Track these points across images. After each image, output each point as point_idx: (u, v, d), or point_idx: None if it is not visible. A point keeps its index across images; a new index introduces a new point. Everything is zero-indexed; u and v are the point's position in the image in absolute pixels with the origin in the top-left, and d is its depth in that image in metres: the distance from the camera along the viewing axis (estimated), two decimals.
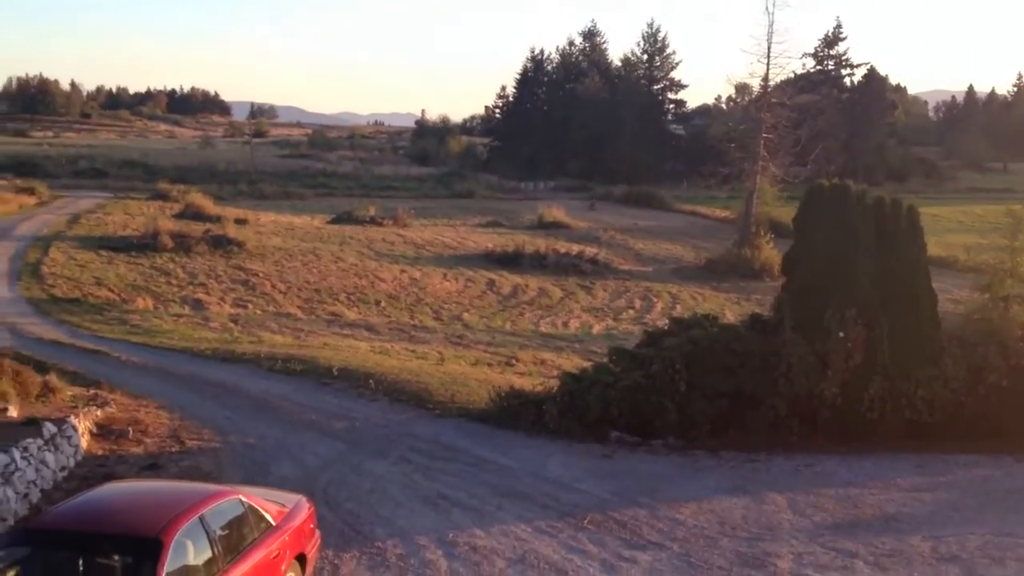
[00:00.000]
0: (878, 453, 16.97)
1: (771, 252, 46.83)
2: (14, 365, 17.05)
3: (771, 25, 54.64)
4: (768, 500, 14.46)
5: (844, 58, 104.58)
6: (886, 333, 17.77)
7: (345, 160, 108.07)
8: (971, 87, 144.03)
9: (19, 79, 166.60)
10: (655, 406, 17.41)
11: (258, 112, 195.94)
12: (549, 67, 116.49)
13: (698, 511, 13.88)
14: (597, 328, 34.34)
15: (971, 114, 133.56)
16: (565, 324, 34.81)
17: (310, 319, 33.08)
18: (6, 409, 15.06)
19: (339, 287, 38.64)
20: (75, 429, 15.42)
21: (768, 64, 55.68)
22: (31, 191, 62.05)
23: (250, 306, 34.40)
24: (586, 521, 13.29)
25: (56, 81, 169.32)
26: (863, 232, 18.25)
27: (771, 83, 57.06)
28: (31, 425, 14.29)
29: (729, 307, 37.98)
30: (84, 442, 15.72)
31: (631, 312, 37.76)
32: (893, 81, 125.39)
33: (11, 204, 56.68)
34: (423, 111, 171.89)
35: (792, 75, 67.05)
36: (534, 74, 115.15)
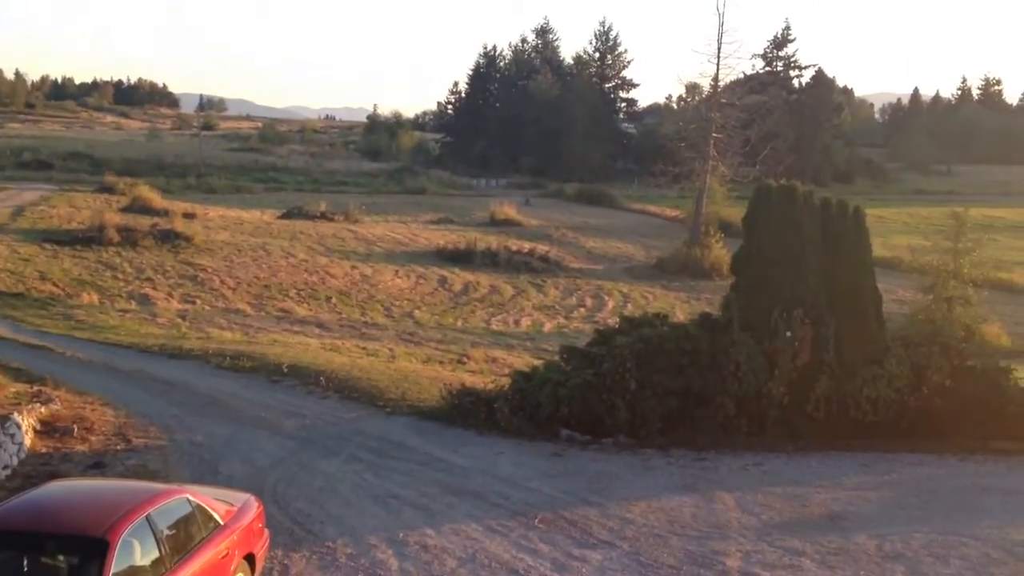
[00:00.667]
0: (824, 452, 17.22)
1: (721, 251, 47.35)
2: None
3: (721, 25, 55.25)
4: (717, 499, 14.60)
5: (793, 60, 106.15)
6: (832, 333, 18.05)
7: (295, 155, 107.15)
8: (916, 90, 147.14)
9: None
10: (606, 404, 17.50)
11: (207, 105, 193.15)
12: (502, 64, 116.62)
13: (648, 510, 13.97)
14: (548, 326, 34.45)
15: (916, 117, 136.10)
16: (516, 322, 34.87)
17: (260, 315, 32.78)
18: None
19: (289, 283, 38.33)
20: (18, 426, 15.14)
21: (718, 64, 56.28)
22: None
23: (198, 302, 34.00)
24: (537, 520, 13.32)
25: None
26: (810, 232, 18.52)
27: (721, 83, 57.65)
28: None
29: (679, 306, 38.32)
30: (28, 440, 15.43)
31: (582, 310, 37.93)
32: (840, 83, 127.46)
33: None
34: (375, 106, 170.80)
35: (742, 76, 67.83)
36: (486, 70, 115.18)
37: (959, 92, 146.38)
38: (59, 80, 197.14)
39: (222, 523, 9.67)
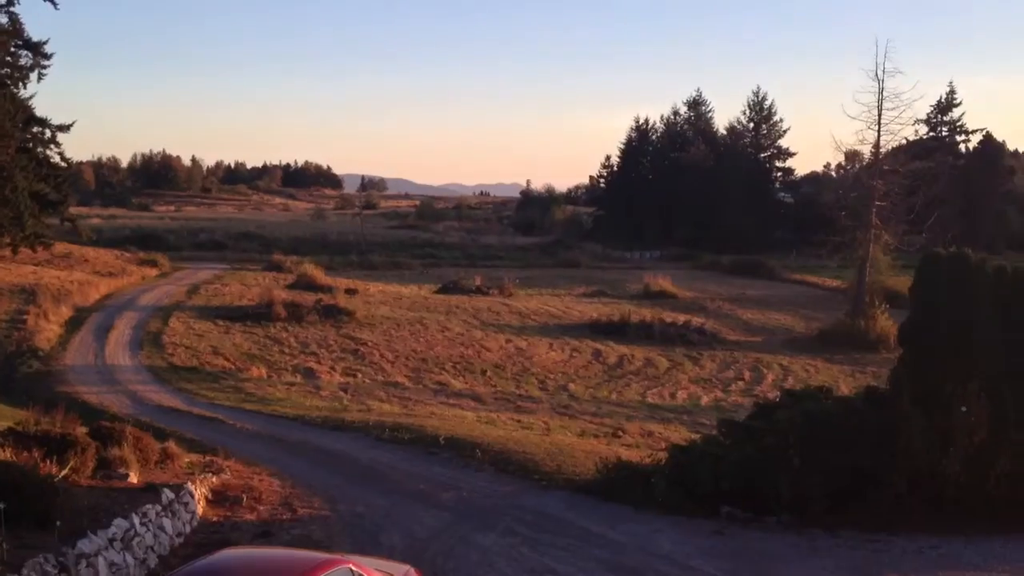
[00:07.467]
0: (1007, 535, 16.14)
1: (886, 323, 45.60)
2: (135, 432, 17.57)
3: (881, 92, 53.74)
4: None
5: (959, 124, 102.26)
6: (1012, 407, 17.03)
7: (451, 230, 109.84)
8: None
9: (143, 155, 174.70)
10: (768, 481, 16.95)
11: (368, 185, 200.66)
12: (654, 136, 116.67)
13: None
14: (705, 399, 33.80)
15: None
16: (672, 395, 34.37)
17: (417, 388, 33.38)
18: (127, 475, 15.52)
19: (445, 356, 38.97)
20: (192, 495, 15.78)
21: (879, 131, 54.61)
22: (153, 263, 64.69)
23: (359, 375, 34.92)
24: None
25: (178, 157, 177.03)
26: (983, 302, 17.63)
27: (882, 150, 55.95)
28: (150, 491, 14.67)
29: (843, 379, 37.01)
30: (200, 508, 16.06)
31: (740, 383, 37.08)
32: (1011, 147, 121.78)
33: (134, 276, 59.13)
34: (528, 181, 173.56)
35: (904, 141, 65.56)
36: (639, 143, 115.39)
37: None
38: (232, 165, 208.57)
39: None
